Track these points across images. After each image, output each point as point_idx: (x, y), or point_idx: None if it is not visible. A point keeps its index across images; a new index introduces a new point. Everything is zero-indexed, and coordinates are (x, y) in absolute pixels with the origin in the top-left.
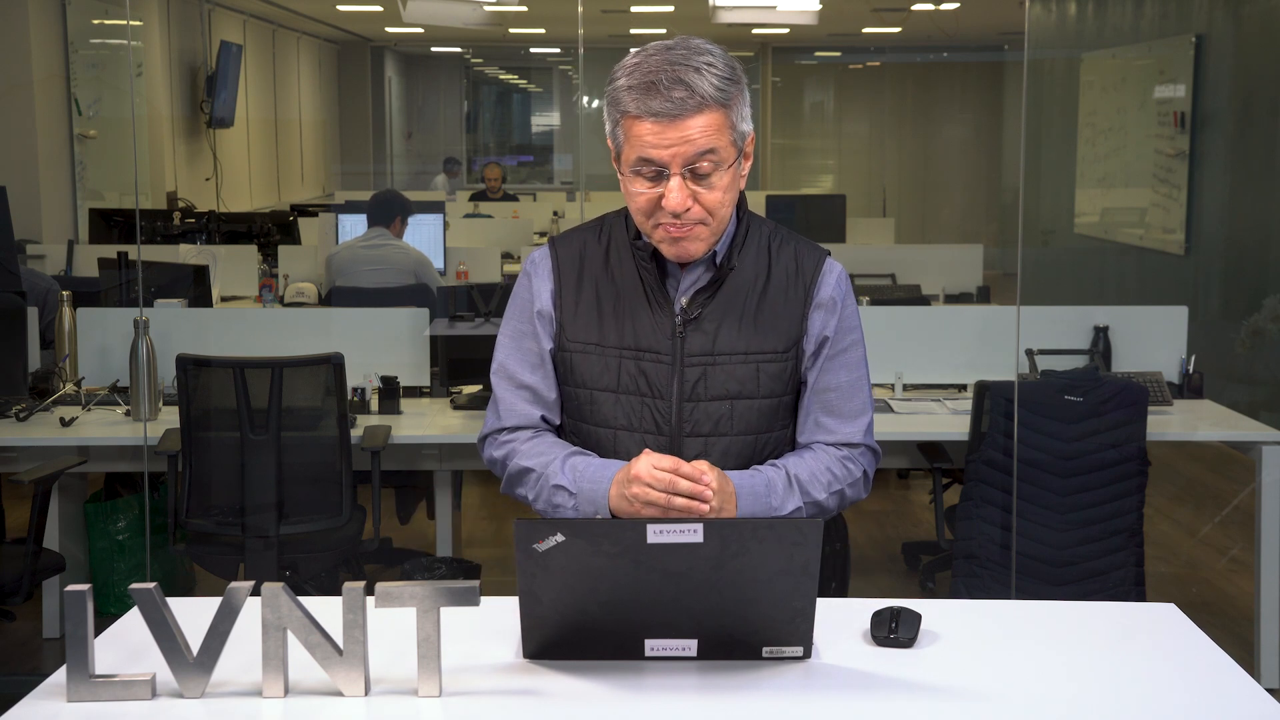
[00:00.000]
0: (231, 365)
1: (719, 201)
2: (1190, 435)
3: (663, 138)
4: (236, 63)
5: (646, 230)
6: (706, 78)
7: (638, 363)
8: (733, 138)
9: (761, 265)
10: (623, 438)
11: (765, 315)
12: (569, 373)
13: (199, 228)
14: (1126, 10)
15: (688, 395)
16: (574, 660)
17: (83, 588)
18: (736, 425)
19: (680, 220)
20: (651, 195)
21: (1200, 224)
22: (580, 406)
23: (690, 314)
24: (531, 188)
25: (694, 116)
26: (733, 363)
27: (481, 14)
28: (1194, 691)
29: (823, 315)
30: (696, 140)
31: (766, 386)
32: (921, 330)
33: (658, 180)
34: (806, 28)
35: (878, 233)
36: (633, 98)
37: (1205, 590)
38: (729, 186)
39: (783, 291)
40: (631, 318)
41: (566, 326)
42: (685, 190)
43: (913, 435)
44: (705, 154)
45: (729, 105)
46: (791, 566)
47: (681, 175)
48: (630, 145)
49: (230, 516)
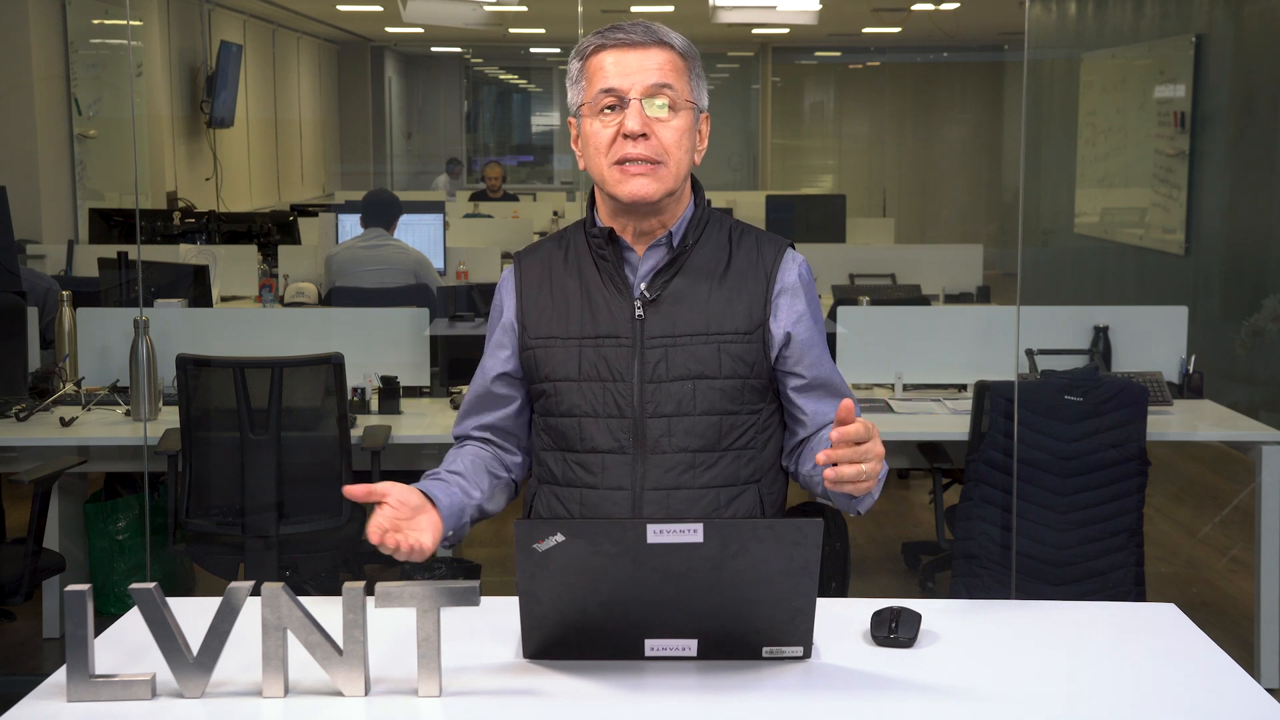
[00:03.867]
0: (231, 365)
1: (675, 143)
2: (1190, 435)
3: (623, 64)
4: (236, 63)
5: (605, 175)
6: (669, 32)
7: (598, 349)
8: (690, 89)
9: (722, 252)
10: (586, 424)
11: (727, 297)
12: (534, 369)
13: (199, 228)
14: (1126, 10)
15: (649, 377)
16: (574, 660)
17: (83, 588)
18: (699, 405)
19: (639, 150)
20: (611, 128)
21: (1200, 224)
22: (547, 400)
23: (650, 296)
24: (531, 188)
25: (654, 49)
26: (694, 343)
27: (481, 14)
28: (1194, 691)
29: (788, 300)
30: (654, 70)
31: (729, 367)
32: (921, 330)
33: (618, 113)
34: (806, 28)
35: (878, 233)
36: (596, 36)
37: (1205, 590)
38: (685, 133)
39: (744, 275)
40: (591, 307)
41: (529, 326)
42: (643, 115)
43: (913, 435)
44: (663, 86)
45: (688, 59)
46: (791, 566)
47: (639, 103)
48: (592, 82)
49: (230, 516)
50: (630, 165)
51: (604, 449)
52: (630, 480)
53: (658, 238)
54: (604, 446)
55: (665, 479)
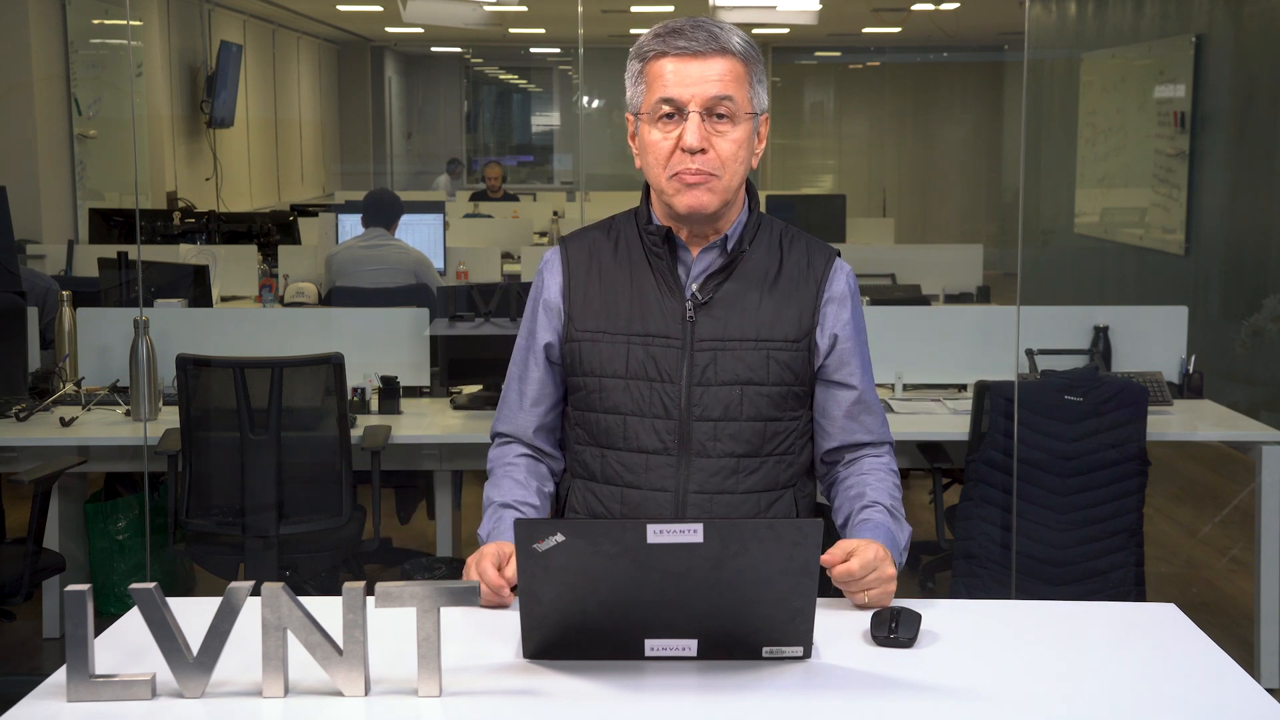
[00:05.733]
0: (231, 365)
1: (732, 155)
2: (1190, 435)
3: (683, 75)
4: (236, 63)
5: (662, 185)
6: (730, 33)
7: (646, 348)
8: (750, 97)
9: (773, 257)
10: (631, 423)
11: (777, 304)
12: (577, 362)
13: (199, 228)
14: (1126, 10)
15: (697, 380)
16: (574, 660)
17: (83, 588)
18: (746, 411)
19: (696, 165)
20: (670, 140)
21: (1200, 224)
22: (589, 395)
23: (702, 299)
24: (531, 188)
25: (715, 58)
26: (744, 349)
27: (481, 14)
28: (1194, 691)
29: (835, 309)
30: (715, 82)
31: (776, 374)
32: (921, 330)
33: (676, 122)
34: (806, 28)
35: (878, 233)
36: (657, 40)
37: (1205, 590)
38: (743, 144)
39: (795, 283)
40: (641, 304)
41: (575, 317)
42: (702, 129)
43: (913, 435)
44: (723, 99)
45: (748, 64)
46: (791, 566)
47: (700, 115)
48: (651, 89)
49: (230, 516)
50: (688, 176)
51: (649, 449)
52: (674, 483)
53: (712, 240)
54: (649, 447)
55: (710, 483)
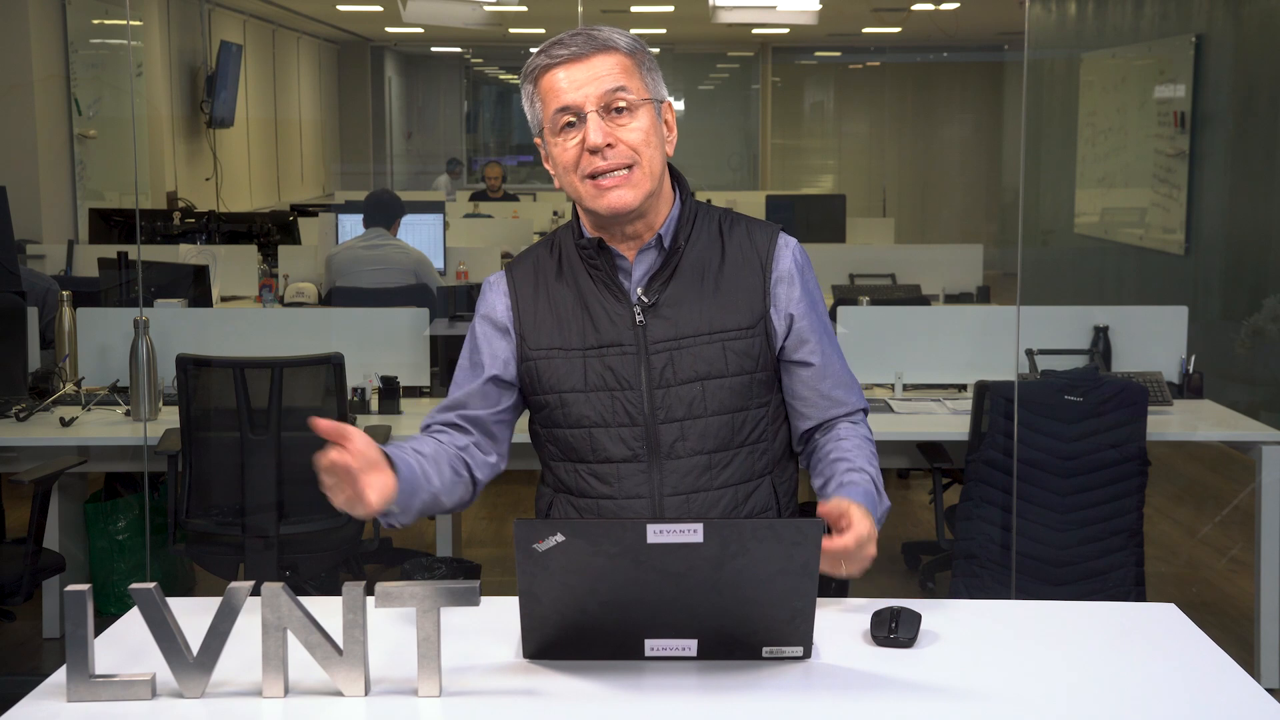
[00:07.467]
0: (231, 365)
1: (641, 142)
2: (1190, 435)
3: (574, 80)
4: (236, 63)
5: (580, 192)
6: (610, 32)
7: (602, 359)
8: (645, 84)
9: (715, 246)
10: (598, 434)
11: (725, 293)
12: (535, 381)
13: (199, 228)
14: (1126, 10)
15: (657, 382)
16: (574, 660)
17: (83, 588)
18: (710, 406)
19: (607, 162)
20: (575, 146)
21: (1200, 224)
22: (552, 412)
23: (648, 301)
24: (531, 188)
25: (599, 55)
26: (698, 344)
27: (481, 14)
28: (1194, 691)
29: (785, 289)
30: (604, 77)
31: (735, 364)
32: (921, 330)
33: (579, 129)
34: (806, 28)
35: (878, 233)
36: (541, 56)
37: (1205, 590)
38: (649, 131)
39: (740, 269)
40: (590, 316)
41: (528, 337)
42: (603, 126)
43: (913, 435)
44: (617, 90)
45: (635, 56)
46: (791, 566)
47: (598, 113)
48: (547, 103)
49: (230, 516)
50: (603, 179)
51: (618, 458)
52: (648, 488)
53: (647, 241)
54: (617, 456)
55: (684, 483)
